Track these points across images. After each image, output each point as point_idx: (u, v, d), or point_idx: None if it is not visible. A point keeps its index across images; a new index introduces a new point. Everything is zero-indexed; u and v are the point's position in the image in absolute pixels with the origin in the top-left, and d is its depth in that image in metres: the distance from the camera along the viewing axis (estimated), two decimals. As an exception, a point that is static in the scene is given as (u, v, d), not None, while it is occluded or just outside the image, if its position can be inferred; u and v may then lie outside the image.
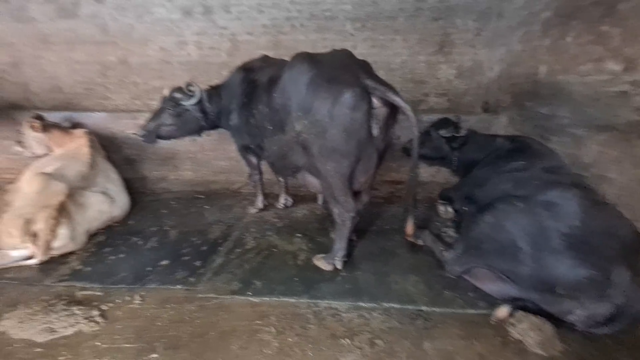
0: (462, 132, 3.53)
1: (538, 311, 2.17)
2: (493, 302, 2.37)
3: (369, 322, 2.25)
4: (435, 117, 4.09)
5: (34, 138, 3.97)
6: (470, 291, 2.50)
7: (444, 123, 3.67)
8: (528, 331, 2.07)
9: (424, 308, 2.36)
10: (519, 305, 2.22)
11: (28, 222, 2.84)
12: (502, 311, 2.21)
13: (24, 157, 4.09)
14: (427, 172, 4.57)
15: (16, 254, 2.85)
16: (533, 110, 3.83)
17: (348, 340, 2.09)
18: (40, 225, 2.82)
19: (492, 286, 2.44)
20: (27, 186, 3.13)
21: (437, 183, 4.54)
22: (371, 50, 4.78)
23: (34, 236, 2.82)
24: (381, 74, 4.85)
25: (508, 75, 4.33)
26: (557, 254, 2.11)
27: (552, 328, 2.08)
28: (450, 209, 3.55)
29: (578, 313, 2.06)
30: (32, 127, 3.89)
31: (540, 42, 3.65)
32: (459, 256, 2.58)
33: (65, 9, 4.84)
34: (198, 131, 3.56)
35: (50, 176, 3.15)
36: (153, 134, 3.38)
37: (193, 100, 3.27)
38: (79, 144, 3.85)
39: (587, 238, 2.09)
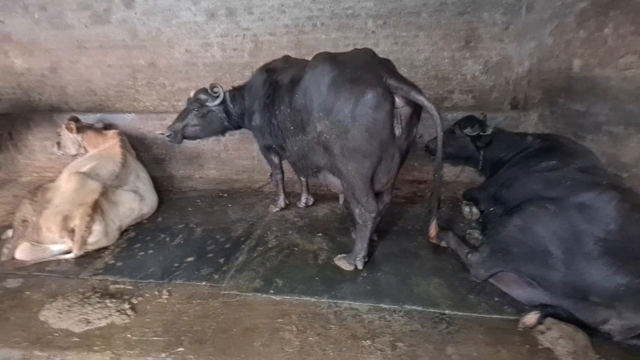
0: (488, 131, 3.42)
1: (570, 319, 2.07)
2: (521, 308, 2.28)
3: (390, 324, 2.23)
4: (460, 114, 3.98)
5: (70, 139, 4.21)
6: (497, 296, 2.42)
7: (469, 121, 3.56)
8: (559, 340, 1.98)
9: (447, 312, 2.31)
10: (548, 312, 2.13)
11: (66, 218, 3.02)
12: (531, 318, 2.12)
13: (61, 157, 4.34)
14: (451, 172, 4.46)
15: (55, 248, 3.04)
16: (566, 107, 3.64)
17: (369, 342, 2.08)
18: (76, 222, 3.00)
19: (520, 291, 2.35)
20: (65, 184, 3.32)
21: (462, 182, 4.42)
22: (393, 47, 4.72)
23: (71, 232, 3.00)
24: (404, 71, 4.84)
25: (538, 70, 4.14)
26: (591, 260, 2.00)
27: (586, 337, 1.98)
28: (475, 210, 3.45)
29: (614, 322, 1.95)
30: (68, 129, 4.13)
31: (574, 34, 3.45)
32: (485, 259, 2.50)
33: (98, 15, 5.09)
34: (222, 131, 3.65)
35: (86, 175, 3.34)
36: (179, 135, 3.52)
37: (217, 101, 3.36)
38: (111, 144, 4.05)
39: (625, 243, 1.97)
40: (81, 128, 4.22)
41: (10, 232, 3.23)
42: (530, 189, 2.55)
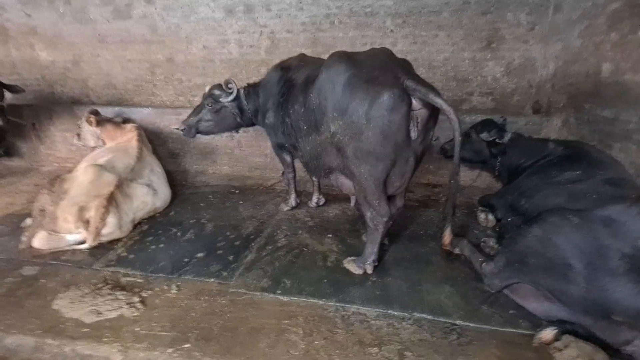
0: (506, 137, 3.29)
1: (589, 337, 1.97)
2: (537, 322, 2.19)
3: (398, 332, 2.17)
4: (478, 117, 3.86)
5: (89, 131, 4.30)
6: (511, 308, 2.33)
7: (486, 125, 3.45)
8: (576, 359, 1.88)
9: (458, 322, 2.23)
10: (566, 328, 2.03)
11: (82, 209, 3.08)
12: (547, 333, 2.03)
13: (80, 148, 4.44)
14: (467, 176, 4.34)
15: (71, 238, 3.10)
16: (592, 113, 3.47)
17: (376, 349, 2.04)
18: (92, 213, 3.06)
19: (536, 305, 2.25)
20: (82, 176, 3.40)
21: (478, 187, 4.29)
22: (412, 47, 4.62)
23: (86, 222, 3.06)
24: (422, 71, 4.74)
25: (564, 74, 3.96)
26: (616, 277, 1.89)
27: (606, 358, 1.87)
28: (491, 217, 3.34)
29: (638, 344, 1.84)
30: (88, 122, 4.22)
31: (605, 36, 3.29)
32: (500, 269, 2.40)
33: (120, 10, 5.18)
34: (235, 127, 3.66)
35: (102, 167, 3.41)
36: (193, 129, 3.55)
37: (230, 97, 3.36)
38: (129, 138, 4.12)
39: (654, 261, 1.85)
40: (100, 121, 4.31)
41: (29, 221, 3.33)
42: (552, 202, 2.43)
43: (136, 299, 2.44)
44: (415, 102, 2.19)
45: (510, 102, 4.68)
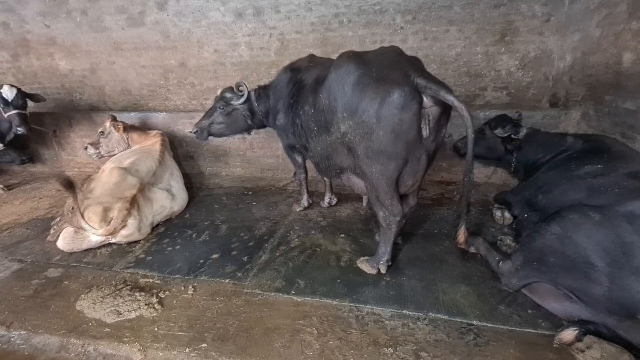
0: (521, 132, 3.21)
1: (613, 338, 1.91)
2: (557, 322, 2.13)
3: (413, 332, 2.15)
4: (493, 113, 3.79)
5: (116, 138, 4.34)
6: (530, 308, 2.27)
7: (500, 121, 3.37)
8: (600, 360, 1.83)
9: (475, 322, 2.20)
10: (589, 328, 1.97)
11: (106, 210, 3.17)
12: (569, 334, 1.97)
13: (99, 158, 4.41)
14: (482, 173, 4.26)
15: (95, 239, 3.19)
16: (613, 105, 3.34)
17: (391, 350, 2.02)
18: (114, 214, 3.15)
19: (556, 304, 2.19)
20: (108, 177, 3.51)
21: (493, 184, 4.21)
22: (423, 43, 4.56)
23: (109, 223, 3.15)
24: (433, 68, 4.67)
25: (583, 65, 3.83)
26: (641, 275, 1.82)
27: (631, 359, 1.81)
28: (507, 215, 3.26)
29: (666, 345, 1.77)
30: (116, 128, 4.29)
31: (625, 25, 3.16)
32: (518, 268, 2.35)
33: (133, 18, 5.31)
34: (247, 130, 3.70)
35: (127, 171, 3.52)
36: (205, 131, 3.62)
37: (241, 100, 3.40)
38: (153, 142, 4.21)
39: (682, 258, 1.77)
40: (127, 128, 4.35)
41: (59, 218, 3.47)
42: (571, 197, 2.36)
43: (154, 299, 2.51)
44: (426, 100, 2.16)
45: (525, 96, 4.56)
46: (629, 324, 1.87)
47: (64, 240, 3.17)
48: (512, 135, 3.25)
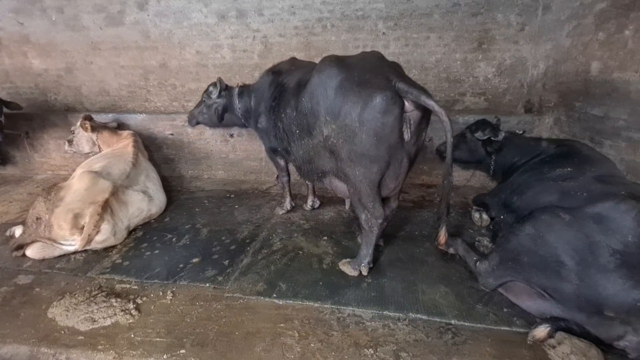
0: (500, 135, 3.33)
1: (582, 333, 1.99)
2: (530, 320, 2.20)
3: (394, 332, 2.18)
4: (471, 118, 3.90)
5: (84, 137, 4.29)
6: (505, 307, 2.35)
7: (481, 124, 3.48)
8: (570, 355, 1.90)
9: (453, 322, 2.25)
10: (560, 325, 2.04)
11: (77, 216, 3.06)
12: (541, 331, 2.04)
13: (73, 155, 4.43)
14: (461, 176, 4.37)
15: (66, 246, 3.08)
16: (583, 111, 3.51)
17: (372, 351, 2.04)
18: (86, 220, 3.04)
19: (530, 303, 2.26)
20: (78, 183, 3.38)
21: (472, 187, 4.33)
22: (404, 49, 4.66)
23: (81, 229, 3.04)
24: (414, 73, 4.77)
25: (555, 73, 4.01)
26: (607, 273, 1.91)
27: (599, 354, 1.89)
28: (485, 216, 3.36)
29: (630, 339, 1.86)
30: (84, 128, 4.21)
31: (593, 36, 3.33)
32: (494, 268, 2.42)
33: (112, 17, 5.19)
34: (227, 125, 3.92)
35: (98, 174, 3.39)
36: (194, 119, 3.99)
37: (214, 95, 3.62)
38: (125, 144, 4.11)
39: (643, 257, 1.87)
40: (96, 127, 4.29)
41: (18, 230, 3.29)
42: (544, 199, 2.46)
43: (131, 305, 2.43)
44: (407, 104, 2.21)
45: (502, 101, 4.73)
46: (596, 319, 1.95)
47: (34, 249, 3.04)
48: (492, 138, 3.36)
